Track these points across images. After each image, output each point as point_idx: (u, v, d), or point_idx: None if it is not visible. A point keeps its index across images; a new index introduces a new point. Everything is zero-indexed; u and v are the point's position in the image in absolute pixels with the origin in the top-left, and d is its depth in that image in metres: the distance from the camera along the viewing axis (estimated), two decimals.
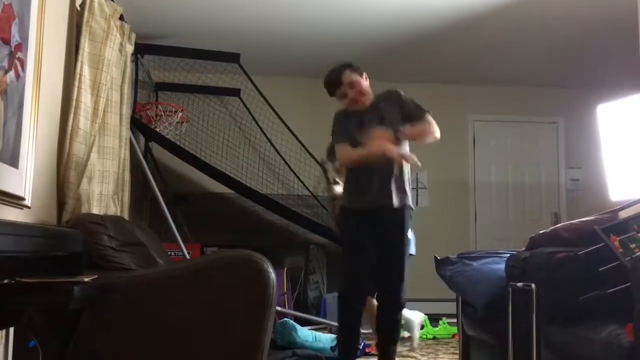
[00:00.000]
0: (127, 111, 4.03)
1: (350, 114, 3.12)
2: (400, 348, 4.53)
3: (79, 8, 3.18)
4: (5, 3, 2.20)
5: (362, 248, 3.04)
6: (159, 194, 4.47)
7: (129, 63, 4.01)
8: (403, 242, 3.12)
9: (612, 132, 5.66)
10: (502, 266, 2.78)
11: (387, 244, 3.08)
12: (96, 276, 2.10)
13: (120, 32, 3.63)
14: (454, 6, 4.47)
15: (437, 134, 3.13)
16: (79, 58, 3.12)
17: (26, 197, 2.45)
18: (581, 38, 5.08)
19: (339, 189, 3.44)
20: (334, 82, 3.06)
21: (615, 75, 5.71)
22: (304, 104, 5.91)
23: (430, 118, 3.10)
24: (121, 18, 3.64)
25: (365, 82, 3.09)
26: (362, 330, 3.24)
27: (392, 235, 3.09)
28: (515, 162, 6.60)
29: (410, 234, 3.21)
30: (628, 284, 1.98)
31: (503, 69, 6.03)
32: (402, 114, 3.08)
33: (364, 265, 3.05)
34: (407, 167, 3.13)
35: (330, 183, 3.69)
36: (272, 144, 5.69)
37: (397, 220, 3.10)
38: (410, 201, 3.16)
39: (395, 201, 3.07)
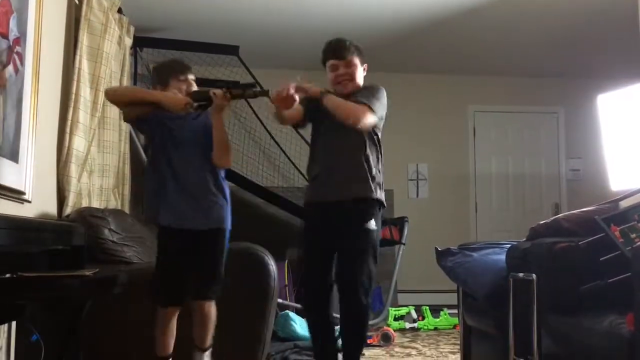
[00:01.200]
0: None
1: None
2: (401, 339, 4.55)
3: (77, 2, 3.17)
4: None
5: None
6: None
7: (127, 56, 4.01)
8: None
9: (613, 122, 5.64)
10: (503, 257, 2.79)
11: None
12: (97, 270, 2.10)
13: (119, 25, 3.62)
14: None
15: (362, 120, 2.54)
16: (78, 52, 3.11)
17: (26, 191, 2.45)
18: (581, 28, 5.06)
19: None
20: (335, 52, 2.72)
21: (615, 65, 5.69)
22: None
23: (364, 107, 2.55)
24: (119, 11, 3.63)
25: (361, 72, 2.77)
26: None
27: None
28: (516, 153, 6.60)
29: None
30: (629, 273, 1.98)
31: (503, 60, 6.01)
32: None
33: None
34: None
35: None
36: (272, 137, 5.68)
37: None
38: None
39: None
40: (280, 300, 4.13)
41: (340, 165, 2.63)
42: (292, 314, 4.24)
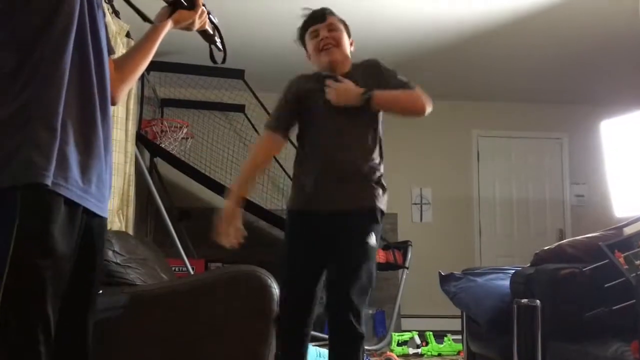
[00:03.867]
0: (132, 127, 4.05)
1: (310, 79, 2.36)
2: None
3: None
4: None
5: None
6: (163, 209, 4.48)
7: None
8: None
9: (616, 148, 5.65)
10: (507, 282, 2.78)
11: None
12: (100, 292, 2.10)
13: (127, 49, 3.66)
14: (458, 23, 4.50)
15: (428, 106, 2.22)
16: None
17: None
18: (585, 55, 5.09)
19: None
20: (313, 17, 2.36)
21: (619, 92, 5.72)
22: None
23: (418, 90, 2.22)
24: (128, 35, 3.67)
25: (347, 41, 2.35)
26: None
27: None
28: (520, 178, 6.60)
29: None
30: (633, 300, 1.97)
31: (507, 85, 6.04)
32: (382, 88, 2.21)
33: None
34: None
35: None
36: (276, 159, 5.70)
37: None
38: None
39: None
40: None
41: (339, 167, 2.20)
42: None
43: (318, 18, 2.32)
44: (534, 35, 4.71)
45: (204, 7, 1.64)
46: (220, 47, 1.83)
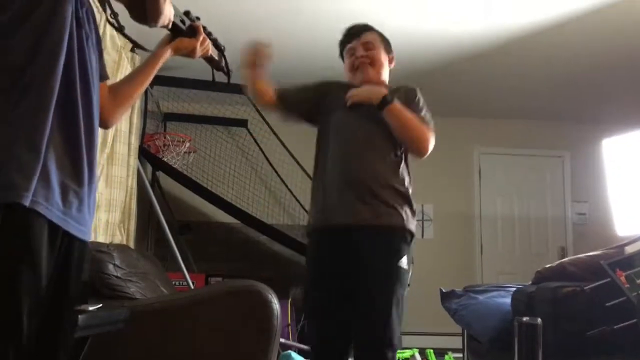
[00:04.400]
0: (135, 141, 4.08)
1: (345, 87, 2.25)
2: None
3: None
4: None
5: None
6: (164, 223, 4.48)
7: None
8: None
9: (618, 166, 5.66)
10: (508, 300, 2.77)
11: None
12: (101, 305, 2.10)
13: (131, 64, 3.69)
14: (459, 40, 4.53)
15: (428, 150, 2.18)
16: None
17: None
18: (586, 73, 5.11)
19: None
20: (350, 33, 2.29)
21: (620, 110, 5.74)
22: (311, 135, 5.93)
23: (431, 132, 2.17)
24: (132, 50, 3.70)
25: (385, 61, 2.27)
26: None
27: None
28: (521, 195, 6.59)
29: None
30: (635, 319, 1.97)
31: (509, 103, 6.06)
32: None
33: None
34: None
35: None
36: (278, 174, 5.71)
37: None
38: None
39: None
40: (282, 340, 4.09)
41: (363, 181, 2.06)
42: (294, 354, 4.19)
43: (354, 35, 2.27)
44: (536, 53, 4.73)
45: (206, 35, 1.60)
46: (226, 71, 1.79)
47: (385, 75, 2.26)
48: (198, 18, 1.58)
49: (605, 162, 5.88)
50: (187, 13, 1.53)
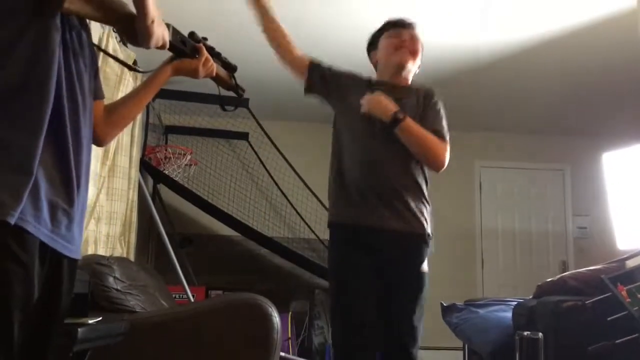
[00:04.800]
0: (136, 153, 4.09)
1: (365, 82, 2.26)
2: None
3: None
4: None
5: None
6: (165, 235, 4.48)
7: None
8: None
9: (619, 180, 5.66)
10: (509, 314, 2.76)
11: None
12: (100, 318, 2.10)
13: (133, 77, 3.71)
14: (461, 54, 4.55)
15: (444, 165, 2.17)
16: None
17: None
18: (587, 87, 5.13)
19: None
20: (398, 21, 2.26)
21: (620, 124, 5.76)
22: (311, 148, 5.96)
23: (447, 145, 2.17)
24: (134, 64, 3.72)
25: (420, 54, 2.30)
26: None
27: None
28: (522, 209, 6.59)
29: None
30: (637, 334, 1.96)
31: (510, 117, 6.08)
32: (419, 114, 2.17)
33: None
34: None
35: None
36: (278, 187, 5.72)
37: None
38: None
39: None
40: (282, 354, 4.07)
41: (385, 186, 2.06)
42: None
43: (405, 24, 2.25)
44: (536, 67, 4.75)
45: (214, 55, 1.60)
46: (236, 91, 1.77)
47: (413, 72, 2.28)
48: (205, 39, 1.58)
49: (606, 176, 5.88)
50: (191, 34, 1.53)
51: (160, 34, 1.34)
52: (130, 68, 1.61)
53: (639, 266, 2.37)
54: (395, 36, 2.23)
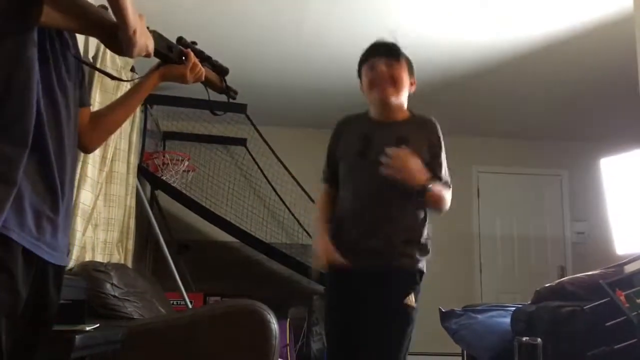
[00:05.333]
0: (134, 159, 4.08)
1: (357, 121, 2.19)
2: None
3: (91, 60, 3.26)
4: None
5: None
6: (163, 242, 4.47)
7: (138, 113, 4.09)
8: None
9: (616, 185, 5.67)
10: (508, 319, 2.76)
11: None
12: (98, 325, 2.09)
13: (131, 84, 3.71)
14: (457, 60, 4.57)
15: (445, 207, 2.17)
16: (90, 108, 3.17)
17: None
18: (584, 92, 5.15)
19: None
20: (376, 49, 2.14)
21: (618, 129, 5.77)
22: (309, 154, 5.95)
23: (448, 191, 2.17)
24: (132, 69, 3.72)
25: (406, 79, 2.15)
26: None
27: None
28: (520, 215, 6.59)
29: None
30: (635, 339, 1.95)
31: (507, 122, 6.09)
32: (425, 153, 2.12)
33: None
34: None
35: None
36: (277, 193, 5.71)
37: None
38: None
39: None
40: None
41: (381, 229, 2.05)
42: None
43: (379, 51, 2.13)
44: (534, 72, 4.77)
45: (204, 59, 1.59)
46: (228, 94, 1.75)
47: (404, 98, 2.15)
48: (194, 43, 1.56)
49: (604, 180, 5.89)
50: (179, 39, 1.53)
51: (144, 43, 1.32)
52: (112, 77, 1.61)
53: (637, 271, 2.37)
54: (370, 69, 2.12)
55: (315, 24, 3.97)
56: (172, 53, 1.49)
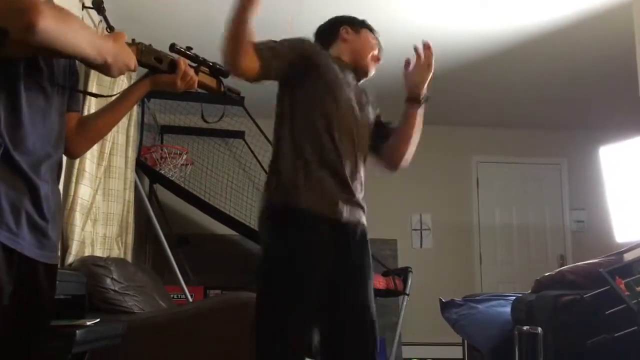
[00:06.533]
0: (132, 154, 4.07)
1: (341, 64, 2.07)
2: None
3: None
4: None
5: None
6: (162, 236, 4.47)
7: (135, 106, 4.07)
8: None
9: (615, 173, 5.67)
10: (508, 309, 2.76)
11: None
12: (98, 320, 2.09)
13: (128, 77, 3.70)
14: (456, 50, 4.55)
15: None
16: (87, 102, 3.17)
17: None
18: (583, 81, 5.13)
19: None
20: (376, 33, 2.23)
21: (616, 118, 5.76)
22: None
23: None
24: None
25: None
26: None
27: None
28: (520, 204, 6.59)
29: None
30: (635, 327, 1.96)
31: (506, 111, 6.08)
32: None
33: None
34: None
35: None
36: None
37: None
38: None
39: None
40: None
41: (361, 172, 1.95)
42: None
43: (378, 38, 2.26)
44: (533, 61, 4.75)
45: (200, 62, 1.59)
46: (226, 95, 1.74)
47: None
48: (190, 48, 1.56)
49: (603, 169, 5.89)
50: (172, 46, 1.53)
51: (122, 64, 1.34)
52: (94, 95, 1.63)
53: (637, 259, 2.37)
54: (376, 44, 2.21)
55: (312, 15, 3.94)
56: (161, 64, 1.50)
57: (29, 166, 1.27)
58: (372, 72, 2.20)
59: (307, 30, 2.30)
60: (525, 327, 2.38)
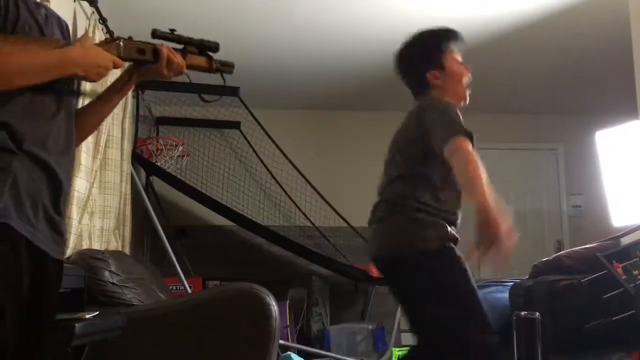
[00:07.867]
0: (128, 146, 4.06)
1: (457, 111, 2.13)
2: None
3: None
4: None
5: None
6: (160, 228, 4.46)
7: (129, 98, 4.05)
8: None
9: (612, 158, 5.68)
10: (506, 295, 2.77)
11: None
12: (97, 313, 2.09)
13: (122, 70, 3.67)
14: None
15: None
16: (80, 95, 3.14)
17: None
18: (578, 65, 5.12)
19: None
20: (461, 36, 2.15)
21: (612, 102, 5.75)
22: (304, 136, 5.94)
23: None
24: None
25: None
26: None
27: None
28: (517, 190, 6.59)
29: None
30: (633, 311, 1.97)
31: (501, 97, 6.07)
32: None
33: None
34: None
35: None
36: (272, 176, 5.70)
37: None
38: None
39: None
40: (282, 341, 4.08)
41: None
42: (294, 355, 4.19)
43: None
44: (527, 46, 4.74)
45: (185, 43, 1.53)
46: (221, 72, 1.68)
47: None
48: (173, 30, 1.51)
49: (599, 153, 5.89)
50: (153, 32, 1.48)
51: (97, 68, 1.35)
52: (89, 95, 1.65)
53: (634, 243, 2.38)
54: (464, 69, 2.09)
55: (308, 6, 3.92)
56: (144, 55, 1.45)
57: (55, 162, 1.28)
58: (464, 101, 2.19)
59: (303, 20, 2.30)
60: (523, 313, 2.40)
